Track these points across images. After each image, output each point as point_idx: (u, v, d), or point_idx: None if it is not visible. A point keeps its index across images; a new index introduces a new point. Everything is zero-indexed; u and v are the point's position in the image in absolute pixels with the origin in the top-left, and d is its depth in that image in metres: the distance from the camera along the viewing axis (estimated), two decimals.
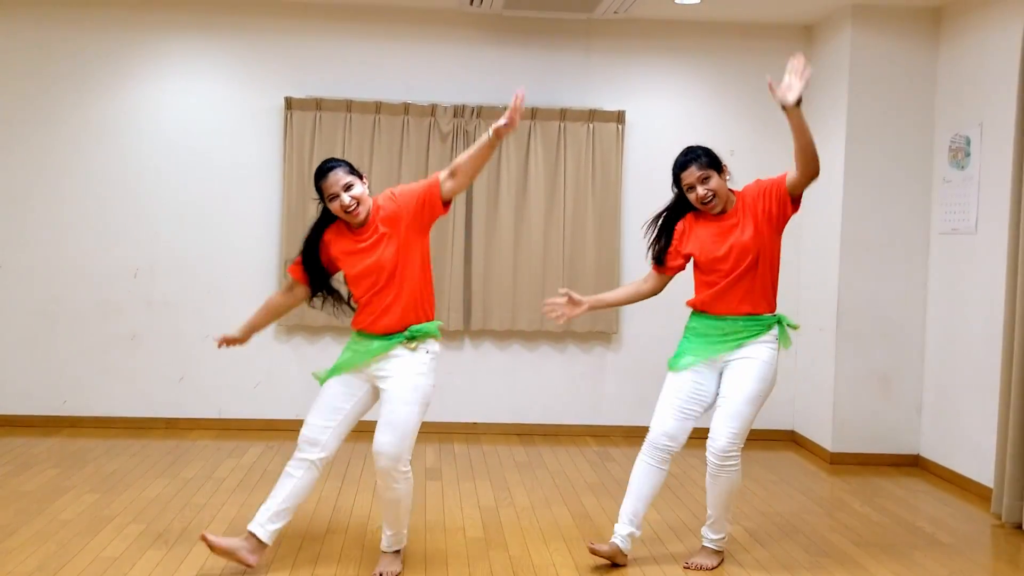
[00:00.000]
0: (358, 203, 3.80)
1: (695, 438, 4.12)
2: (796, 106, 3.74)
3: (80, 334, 6.56)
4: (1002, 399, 4.98)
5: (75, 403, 6.57)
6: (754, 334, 4.03)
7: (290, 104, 6.53)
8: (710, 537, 4.18)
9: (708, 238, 4.06)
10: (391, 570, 3.94)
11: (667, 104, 6.81)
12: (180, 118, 6.60)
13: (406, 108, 6.56)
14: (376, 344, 3.84)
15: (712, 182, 4.01)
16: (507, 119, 3.71)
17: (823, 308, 6.36)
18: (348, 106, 6.54)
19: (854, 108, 6.15)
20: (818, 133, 6.59)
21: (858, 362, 6.20)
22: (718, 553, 4.19)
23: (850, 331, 6.19)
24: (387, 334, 3.83)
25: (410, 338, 3.82)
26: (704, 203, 4.03)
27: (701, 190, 4.01)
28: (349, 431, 3.95)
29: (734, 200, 4.08)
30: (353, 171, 3.84)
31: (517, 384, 6.82)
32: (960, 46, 5.89)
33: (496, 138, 3.75)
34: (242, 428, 6.62)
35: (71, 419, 6.55)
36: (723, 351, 4.04)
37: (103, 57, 6.54)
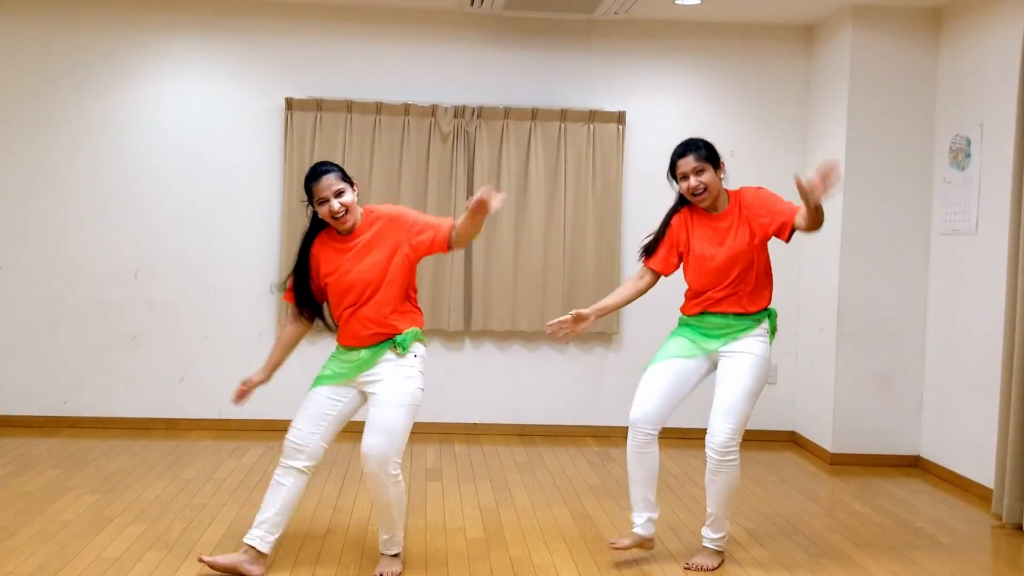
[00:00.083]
0: (347, 210, 3.82)
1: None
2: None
3: (80, 334, 6.56)
4: (1002, 400, 4.98)
5: (75, 403, 6.57)
6: (745, 328, 4.05)
7: (290, 105, 6.53)
8: (710, 537, 4.18)
9: (702, 238, 4.08)
10: (391, 571, 3.94)
11: (667, 104, 6.81)
12: (180, 118, 6.59)
13: (407, 109, 6.56)
14: (364, 353, 3.87)
15: (706, 176, 4.01)
16: (474, 203, 3.67)
17: (823, 308, 6.36)
18: (348, 107, 6.54)
19: (854, 108, 6.14)
20: (818, 133, 6.62)
21: (858, 363, 6.20)
22: (718, 553, 4.19)
23: (850, 332, 6.19)
24: (374, 344, 3.86)
25: (397, 345, 3.83)
26: (694, 195, 4.04)
27: (693, 181, 4.02)
28: (336, 435, 3.97)
29: (727, 200, 4.09)
30: (345, 178, 3.85)
31: (518, 385, 6.81)
32: (960, 46, 5.89)
33: (477, 214, 3.71)
34: (242, 429, 6.61)
35: (71, 419, 6.55)
36: (716, 345, 4.07)
37: (103, 57, 6.53)
